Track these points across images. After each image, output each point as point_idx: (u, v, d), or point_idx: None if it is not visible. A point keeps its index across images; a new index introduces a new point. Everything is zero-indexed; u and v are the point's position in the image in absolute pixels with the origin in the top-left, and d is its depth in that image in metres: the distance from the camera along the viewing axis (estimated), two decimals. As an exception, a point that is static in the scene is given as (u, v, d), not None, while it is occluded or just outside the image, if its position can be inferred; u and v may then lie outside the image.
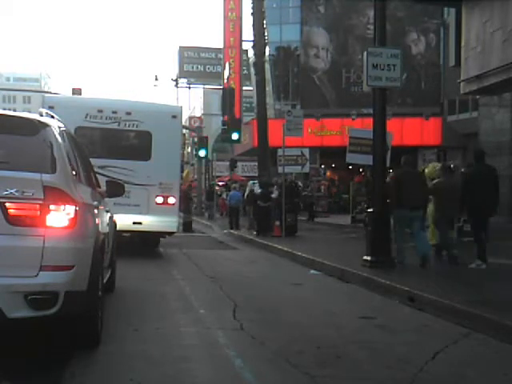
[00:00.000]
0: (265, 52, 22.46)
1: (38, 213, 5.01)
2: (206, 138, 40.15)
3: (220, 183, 50.07)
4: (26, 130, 5.62)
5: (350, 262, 12.13)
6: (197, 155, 39.95)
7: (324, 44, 43.04)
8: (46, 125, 5.74)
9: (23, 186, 5.00)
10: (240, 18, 42.81)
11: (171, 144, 14.31)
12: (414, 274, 10.80)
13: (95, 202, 6.53)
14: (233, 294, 8.92)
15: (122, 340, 6.19)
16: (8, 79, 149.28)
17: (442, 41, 38.26)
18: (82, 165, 6.52)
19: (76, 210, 5.21)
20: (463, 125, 31.99)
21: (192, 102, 69.66)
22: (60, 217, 5.10)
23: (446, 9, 38.05)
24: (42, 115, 6.35)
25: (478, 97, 22.43)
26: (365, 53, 11.60)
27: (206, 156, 38.81)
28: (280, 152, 20.94)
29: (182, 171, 28.74)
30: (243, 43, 41.33)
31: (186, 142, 65.03)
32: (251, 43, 23.59)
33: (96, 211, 6.41)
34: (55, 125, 5.89)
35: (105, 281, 6.94)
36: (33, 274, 4.98)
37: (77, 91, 37.69)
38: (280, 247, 16.51)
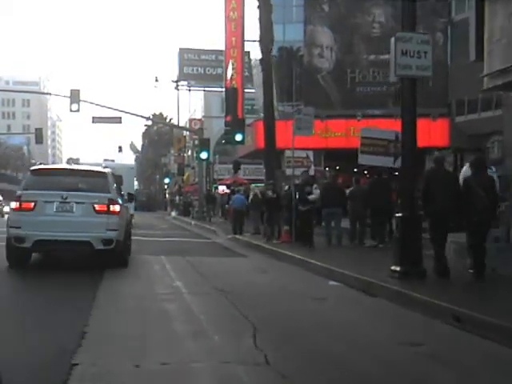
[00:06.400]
0: (272, 47, 21.19)
1: (106, 208, 11.88)
2: (208, 139, 38.83)
3: (221, 187, 48.65)
4: (98, 175, 13.00)
5: (373, 272, 10.90)
6: (198, 157, 38.65)
7: (328, 43, 41.77)
8: (104, 172, 13.20)
9: (100, 199, 11.99)
10: (242, 18, 41.76)
11: (130, 179, 33.11)
12: (453, 286, 9.54)
13: (125, 204, 13.94)
14: (248, 313, 7.66)
15: (122, 381, 4.94)
16: (7, 82, 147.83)
17: (450, 40, 37.03)
18: (118, 186, 13.43)
19: (120, 207, 12.34)
20: (472, 125, 30.84)
21: (192, 104, 68.79)
22: (113, 210, 12.00)
23: (453, 7, 36.98)
24: (103, 167, 14.42)
25: (501, 92, 21.11)
26: (392, 39, 10.37)
27: (208, 158, 37.45)
28: (287, 154, 19.89)
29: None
30: (245, 44, 40.29)
31: (187, 144, 63.80)
32: (253, 42, 22.46)
33: (125, 208, 13.78)
34: (108, 171, 13.45)
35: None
36: (104, 232, 11.81)
37: (75, 92, 36.78)
38: (291, 254, 15.27)
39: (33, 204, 11.73)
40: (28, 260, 12.23)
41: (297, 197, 18.52)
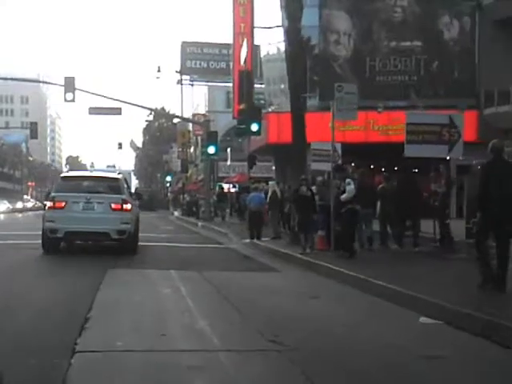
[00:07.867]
0: (301, 16, 17.55)
1: (120, 206, 15.10)
2: (216, 132, 35.37)
3: (226, 186, 45.20)
4: (114, 180, 16.54)
5: (478, 302, 7.47)
6: (205, 152, 35.20)
7: (346, 29, 38.46)
8: (118, 178, 16.90)
9: (115, 199, 15.23)
10: (251, 3, 38.72)
11: (128, 181, 31.25)
12: None
13: (134, 202, 17.12)
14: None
15: None
16: (6, 80, 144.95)
17: (478, 25, 33.91)
18: (128, 188, 17.83)
19: (131, 205, 15.68)
20: (501, 118, 27.59)
21: (195, 99, 66.07)
22: (126, 208, 15.23)
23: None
24: (118, 173, 20.34)
25: None
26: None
27: (216, 153, 33.90)
28: (314, 146, 17.47)
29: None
30: (253, 35, 37.05)
31: (190, 140, 60.63)
32: (260, 37, 18.98)
33: (135, 206, 16.98)
34: (121, 176, 17.42)
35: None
36: (118, 225, 14.91)
37: (69, 80, 33.62)
38: (337, 268, 11.78)
39: (63, 203, 15.14)
40: (58, 248, 15.35)
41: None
